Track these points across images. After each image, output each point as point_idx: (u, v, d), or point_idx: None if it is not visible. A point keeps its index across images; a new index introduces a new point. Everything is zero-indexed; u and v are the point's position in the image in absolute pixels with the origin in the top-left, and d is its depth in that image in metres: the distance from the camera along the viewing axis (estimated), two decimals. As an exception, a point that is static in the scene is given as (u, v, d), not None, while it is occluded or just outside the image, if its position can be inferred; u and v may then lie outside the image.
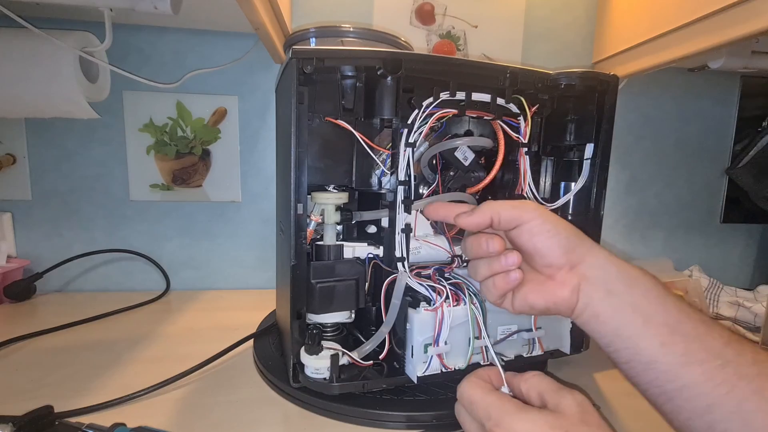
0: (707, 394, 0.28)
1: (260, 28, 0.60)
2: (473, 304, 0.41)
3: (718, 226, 0.96)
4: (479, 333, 0.41)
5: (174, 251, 0.83)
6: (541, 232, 0.34)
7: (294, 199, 0.40)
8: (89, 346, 0.57)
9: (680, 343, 0.29)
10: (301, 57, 0.38)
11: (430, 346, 0.40)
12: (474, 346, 0.42)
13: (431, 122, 0.42)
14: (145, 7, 0.52)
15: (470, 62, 0.44)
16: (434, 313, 0.40)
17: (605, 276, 0.33)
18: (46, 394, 0.45)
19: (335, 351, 0.41)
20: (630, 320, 0.31)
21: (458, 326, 0.41)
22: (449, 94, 0.42)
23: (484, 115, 0.45)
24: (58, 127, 0.76)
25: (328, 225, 0.44)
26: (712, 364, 0.28)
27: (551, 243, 0.34)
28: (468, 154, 0.46)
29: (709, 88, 0.91)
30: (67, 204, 0.79)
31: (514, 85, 0.45)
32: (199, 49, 0.78)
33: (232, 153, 0.81)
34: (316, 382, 0.42)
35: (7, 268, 0.73)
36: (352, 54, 0.42)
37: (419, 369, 0.41)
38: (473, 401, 0.31)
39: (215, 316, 0.69)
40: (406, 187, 0.42)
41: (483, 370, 0.35)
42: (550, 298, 0.34)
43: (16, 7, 0.57)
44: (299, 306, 0.42)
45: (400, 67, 0.40)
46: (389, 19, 0.81)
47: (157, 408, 0.44)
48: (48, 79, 0.60)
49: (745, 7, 0.50)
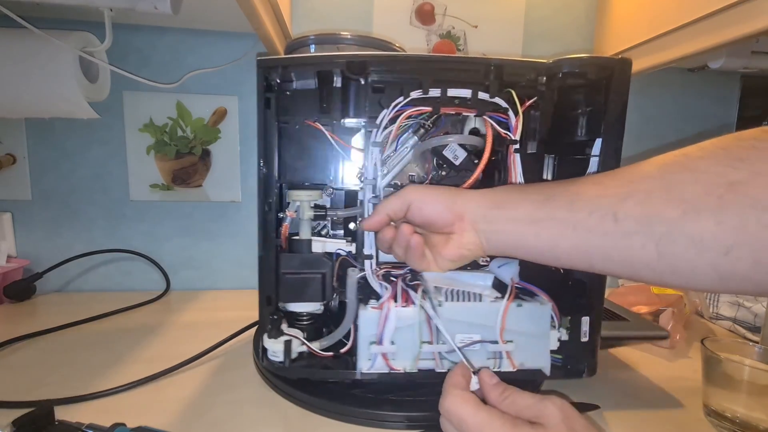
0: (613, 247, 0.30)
1: (260, 28, 0.60)
2: (428, 307, 0.40)
3: (718, 226, 0.96)
4: (431, 338, 0.40)
5: (174, 251, 0.83)
6: (425, 203, 0.39)
7: (261, 195, 0.43)
8: (89, 346, 0.57)
9: (550, 227, 0.33)
10: (265, 66, 0.41)
11: (374, 344, 0.41)
12: (422, 350, 0.40)
13: (400, 121, 0.43)
14: (145, 7, 0.52)
15: (442, 58, 0.43)
16: (380, 312, 0.40)
17: (483, 211, 0.37)
18: (46, 394, 0.45)
19: (290, 337, 0.43)
20: (514, 230, 0.35)
21: (408, 328, 0.40)
22: (422, 92, 0.42)
23: (463, 112, 0.43)
24: (58, 127, 0.76)
25: (303, 221, 0.46)
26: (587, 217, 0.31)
27: (435, 207, 0.38)
28: (459, 153, 0.45)
29: (709, 88, 0.91)
30: (67, 204, 0.79)
31: (500, 78, 0.42)
32: (199, 49, 0.78)
33: (232, 153, 0.81)
34: (274, 365, 0.44)
35: (7, 268, 0.73)
36: (313, 60, 0.44)
37: (364, 365, 0.41)
38: (463, 419, 0.31)
39: (215, 316, 0.69)
40: (372, 186, 0.44)
41: (458, 376, 0.35)
42: (459, 247, 0.38)
43: (16, 7, 0.57)
44: (268, 292, 0.44)
45: (365, 69, 0.42)
46: (389, 19, 0.81)
47: (157, 408, 0.44)
48: (48, 79, 0.60)
49: (745, 7, 0.50)
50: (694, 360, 0.58)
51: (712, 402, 0.44)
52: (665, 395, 0.49)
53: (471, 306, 0.41)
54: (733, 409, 0.42)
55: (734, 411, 0.42)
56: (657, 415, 0.46)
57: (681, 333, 0.62)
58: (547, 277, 0.44)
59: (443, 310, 0.40)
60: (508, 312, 0.40)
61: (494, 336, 0.40)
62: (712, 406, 0.44)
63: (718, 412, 0.43)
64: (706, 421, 0.44)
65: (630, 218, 0.28)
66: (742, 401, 0.42)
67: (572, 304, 0.44)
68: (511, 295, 0.41)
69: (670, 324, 0.61)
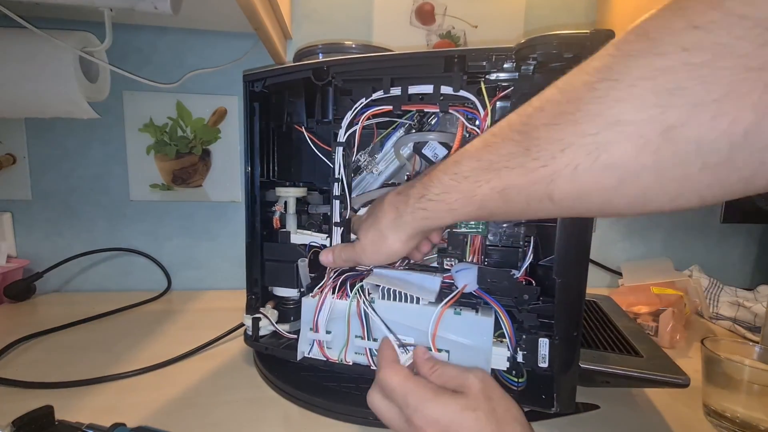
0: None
1: (260, 28, 0.60)
2: (361, 303, 0.41)
3: (718, 226, 0.96)
4: (362, 333, 0.41)
5: (174, 251, 0.83)
6: (368, 257, 0.40)
7: (247, 192, 0.50)
8: (89, 346, 0.57)
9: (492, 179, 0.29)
10: (249, 80, 0.48)
11: (311, 331, 0.43)
12: (355, 344, 0.42)
13: (363, 120, 0.44)
14: (145, 7, 0.52)
15: (400, 55, 0.42)
16: (316, 300, 0.43)
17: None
18: (46, 393, 0.45)
19: (260, 315, 0.50)
20: (456, 198, 0.32)
21: (341, 319, 0.42)
22: (383, 91, 0.43)
23: (425, 107, 0.43)
24: (58, 127, 0.76)
25: (288, 215, 0.51)
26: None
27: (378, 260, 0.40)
28: (438, 150, 0.45)
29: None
30: (67, 204, 0.79)
31: (462, 70, 0.40)
32: (199, 49, 0.78)
33: (232, 153, 0.81)
34: (245, 337, 0.51)
35: (7, 268, 0.73)
36: (288, 70, 0.48)
37: (305, 349, 0.44)
38: (392, 387, 0.32)
39: (215, 316, 0.69)
40: (338, 184, 0.46)
41: (390, 350, 0.36)
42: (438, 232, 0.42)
43: (16, 7, 0.57)
44: (255, 275, 0.52)
45: (327, 74, 0.45)
46: (389, 19, 0.81)
47: (157, 408, 0.44)
48: (48, 79, 0.60)
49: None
50: (694, 360, 0.58)
51: (712, 402, 0.44)
52: (665, 395, 0.49)
53: (403, 307, 0.40)
54: (733, 409, 0.42)
55: (734, 411, 0.42)
56: (657, 414, 0.46)
57: (681, 333, 0.62)
58: (522, 292, 0.40)
59: (377, 307, 0.41)
60: (445, 319, 0.38)
61: (428, 341, 0.38)
62: (712, 406, 0.44)
63: (718, 412, 0.43)
64: (706, 421, 0.44)
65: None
66: (742, 401, 0.42)
67: (539, 324, 0.40)
68: (450, 301, 0.39)
69: (670, 324, 0.61)
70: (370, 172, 0.52)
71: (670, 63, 0.20)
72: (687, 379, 0.41)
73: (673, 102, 0.20)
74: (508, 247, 0.45)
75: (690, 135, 0.20)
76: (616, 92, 0.21)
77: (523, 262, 0.43)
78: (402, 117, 0.48)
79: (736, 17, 0.18)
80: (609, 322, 0.57)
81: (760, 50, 0.18)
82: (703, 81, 0.19)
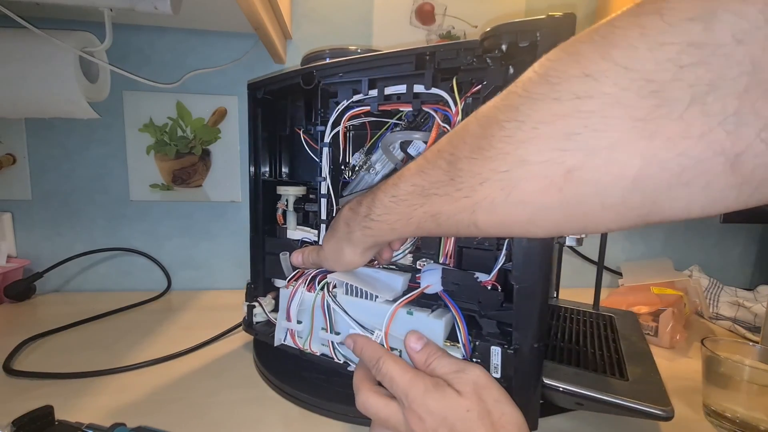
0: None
1: (260, 28, 0.60)
2: (325, 296, 0.43)
3: (718, 226, 0.96)
4: (326, 325, 0.43)
5: (174, 251, 0.83)
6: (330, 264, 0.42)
7: (251, 189, 0.55)
8: (89, 346, 0.57)
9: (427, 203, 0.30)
10: (252, 88, 0.53)
11: (285, 320, 0.46)
12: (319, 335, 0.44)
13: (344, 122, 0.46)
14: (145, 7, 0.52)
15: (375, 56, 0.42)
16: (289, 291, 0.46)
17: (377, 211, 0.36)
18: (46, 394, 0.45)
19: (254, 304, 0.53)
20: (405, 216, 0.32)
21: (308, 311, 0.44)
22: (362, 93, 0.44)
23: (399, 107, 0.43)
24: (58, 127, 0.76)
25: (288, 211, 0.54)
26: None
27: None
28: (422, 149, 0.44)
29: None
30: (67, 204, 0.79)
31: (433, 65, 0.39)
32: (199, 49, 0.78)
33: (232, 153, 0.81)
34: (244, 321, 0.55)
35: (7, 268, 0.73)
36: (283, 77, 0.51)
37: (281, 337, 0.47)
38: (393, 378, 0.33)
39: (215, 315, 0.69)
40: (325, 183, 0.48)
41: (363, 371, 0.37)
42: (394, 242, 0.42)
43: (16, 7, 0.57)
44: (257, 267, 0.56)
45: (313, 79, 0.47)
46: (389, 19, 0.81)
47: (157, 408, 0.44)
48: (48, 79, 0.60)
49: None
50: (694, 360, 0.58)
51: (712, 402, 0.44)
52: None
53: (362, 303, 0.41)
54: (733, 409, 0.42)
55: (734, 411, 0.42)
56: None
57: (681, 333, 0.62)
58: (484, 296, 0.38)
59: (340, 301, 0.43)
60: (398, 318, 0.39)
61: (381, 339, 0.39)
62: (712, 406, 0.44)
63: (718, 412, 0.43)
64: (706, 421, 0.44)
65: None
66: (742, 401, 0.42)
67: (499, 332, 0.38)
68: (404, 300, 0.39)
69: (670, 324, 0.61)
70: (367, 172, 0.52)
71: (565, 109, 0.21)
72: (670, 411, 0.35)
73: (570, 146, 0.21)
74: (483, 249, 0.41)
75: (588, 178, 0.21)
76: (521, 133, 0.23)
77: (494, 266, 0.40)
78: (394, 117, 0.48)
79: (621, 68, 0.19)
80: (611, 340, 0.50)
81: (642, 101, 0.18)
82: (594, 129, 0.20)
